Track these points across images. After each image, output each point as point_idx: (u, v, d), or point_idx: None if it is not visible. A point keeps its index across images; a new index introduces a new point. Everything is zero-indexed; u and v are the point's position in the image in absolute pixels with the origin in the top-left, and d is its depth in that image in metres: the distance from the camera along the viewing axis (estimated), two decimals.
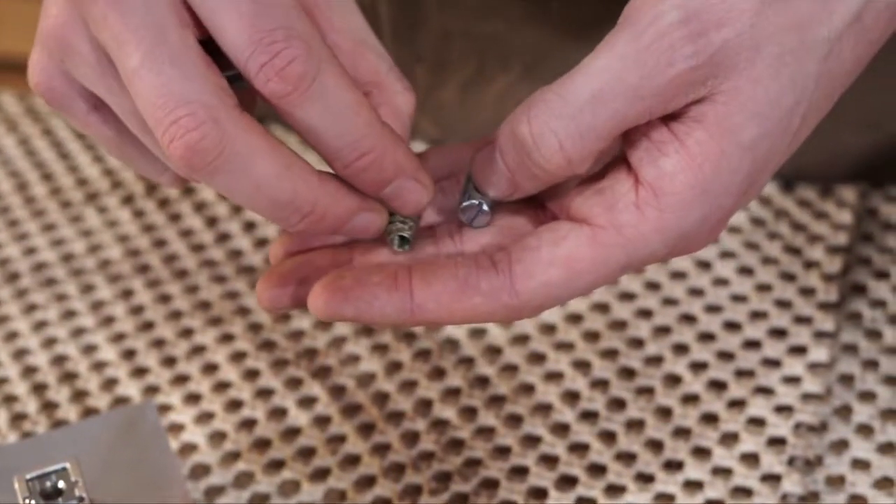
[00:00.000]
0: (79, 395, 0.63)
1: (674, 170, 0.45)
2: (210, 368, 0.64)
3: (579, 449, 0.58)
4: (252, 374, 0.63)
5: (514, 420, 0.60)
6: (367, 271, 0.47)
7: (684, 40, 0.45)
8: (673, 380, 0.61)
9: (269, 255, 0.50)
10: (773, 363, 0.61)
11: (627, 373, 0.61)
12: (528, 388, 0.61)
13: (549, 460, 0.58)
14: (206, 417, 0.61)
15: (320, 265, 0.49)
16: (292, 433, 0.60)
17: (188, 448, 0.60)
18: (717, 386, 0.60)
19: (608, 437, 0.59)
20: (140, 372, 0.64)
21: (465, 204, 0.49)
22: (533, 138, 0.46)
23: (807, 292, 0.64)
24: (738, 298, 0.64)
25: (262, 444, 0.60)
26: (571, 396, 0.61)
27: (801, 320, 0.63)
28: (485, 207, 0.49)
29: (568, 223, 0.47)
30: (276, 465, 0.59)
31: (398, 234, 0.49)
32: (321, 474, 0.59)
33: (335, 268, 0.49)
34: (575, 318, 0.64)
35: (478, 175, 0.48)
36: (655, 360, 0.62)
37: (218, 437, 0.60)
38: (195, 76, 0.45)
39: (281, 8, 0.45)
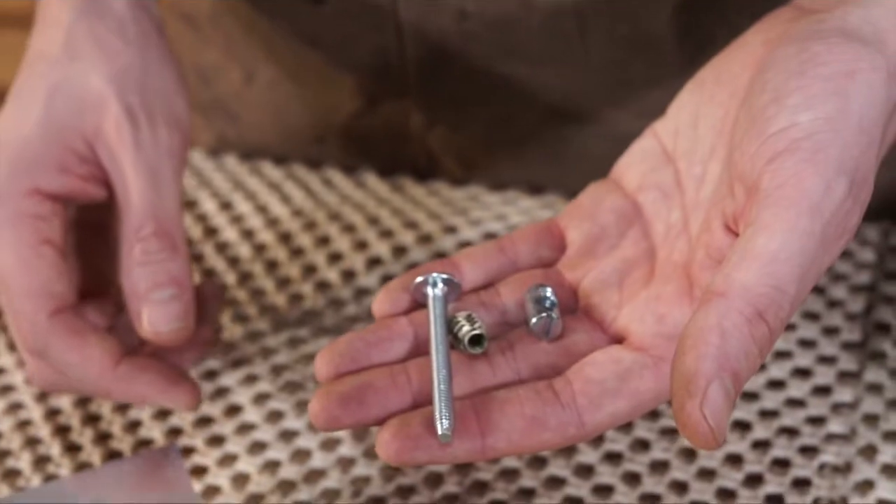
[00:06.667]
0: (102, 438, 0.63)
1: None
2: (233, 410, 0.64)
3: (603, 491, 0.58)
4: (275, 416, 0.63)
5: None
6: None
7: (854, 209, 0.45)
8: None
9: (315, 371, 0.52)
10: (797, 403, 0.61)
11: (651, 416, 0.61)
12: None
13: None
14: (229, 460, 0.61)
15: (380, 387, 0.50)
16: (316, 475, 0.60)
17: (211, 491, 0.60)
18: (742, 427, 0.60)
19: (632, 478, 0.59)
20: (163, 414, 0.64)
21: (535, 319, 0.51)
22: (771, 335, 0.45)
23: (830, 332, 0.64)
24: None
25: (286, 486, 0.60)
26: (612, 458, 0.60)
27: (825, 360, 0.63)
28: (555, 316, 0.51)
29: (628, 353, 0.49)
30: None
31: (470, 335, 0.50)
32: None
33: (395, 390, 0.50)
34: None
35: (680, 396, 0.45)
36: None
37: (241, 480, 0.60)
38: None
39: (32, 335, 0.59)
